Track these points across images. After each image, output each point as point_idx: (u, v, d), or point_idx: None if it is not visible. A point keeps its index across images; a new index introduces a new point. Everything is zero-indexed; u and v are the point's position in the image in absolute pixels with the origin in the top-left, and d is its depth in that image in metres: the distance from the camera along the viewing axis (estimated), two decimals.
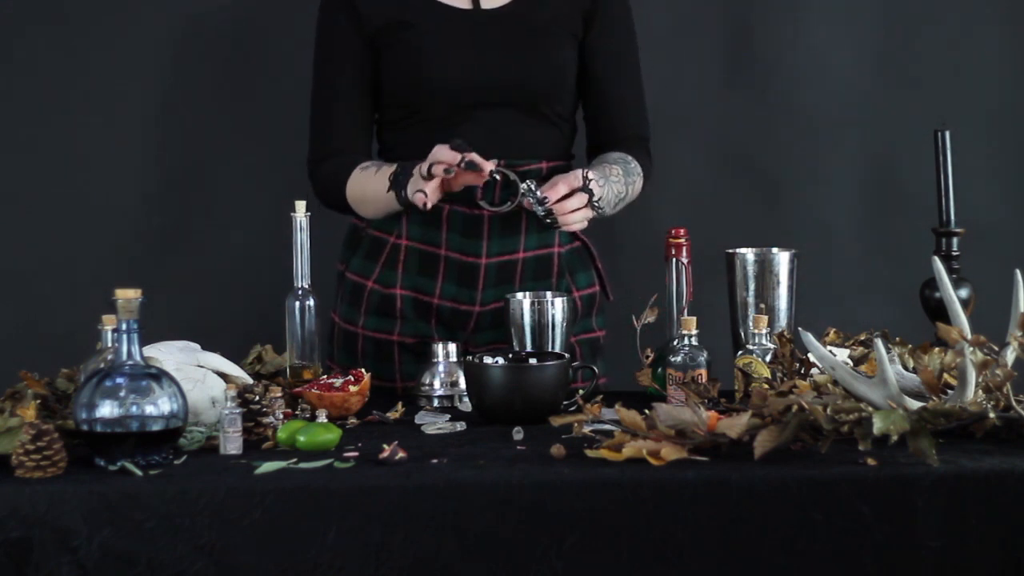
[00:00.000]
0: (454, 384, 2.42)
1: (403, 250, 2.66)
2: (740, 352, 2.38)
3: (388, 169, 2.56)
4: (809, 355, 2.18)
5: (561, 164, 2.68)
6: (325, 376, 2.37)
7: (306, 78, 3.18)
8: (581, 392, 2.28)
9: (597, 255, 2.75)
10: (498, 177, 2.49)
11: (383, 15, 2.63)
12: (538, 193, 2.48)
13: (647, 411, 2.03)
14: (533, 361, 2.34)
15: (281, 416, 2.17)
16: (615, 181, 2.60)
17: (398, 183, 2.52)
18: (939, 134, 2.56)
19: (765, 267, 2.38)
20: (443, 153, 2.42)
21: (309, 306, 2.41)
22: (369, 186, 2.59)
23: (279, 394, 2.19)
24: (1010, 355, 2.03)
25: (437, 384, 2.42)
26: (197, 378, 2.15)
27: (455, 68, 2.60)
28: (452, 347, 2.44)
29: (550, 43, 2.65)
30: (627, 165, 2.66)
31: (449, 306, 2.65)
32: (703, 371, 2.32)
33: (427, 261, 2.65)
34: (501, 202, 2.60)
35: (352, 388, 2.30)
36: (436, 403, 2.40)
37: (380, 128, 2.71)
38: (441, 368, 2.43)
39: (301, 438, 2.08)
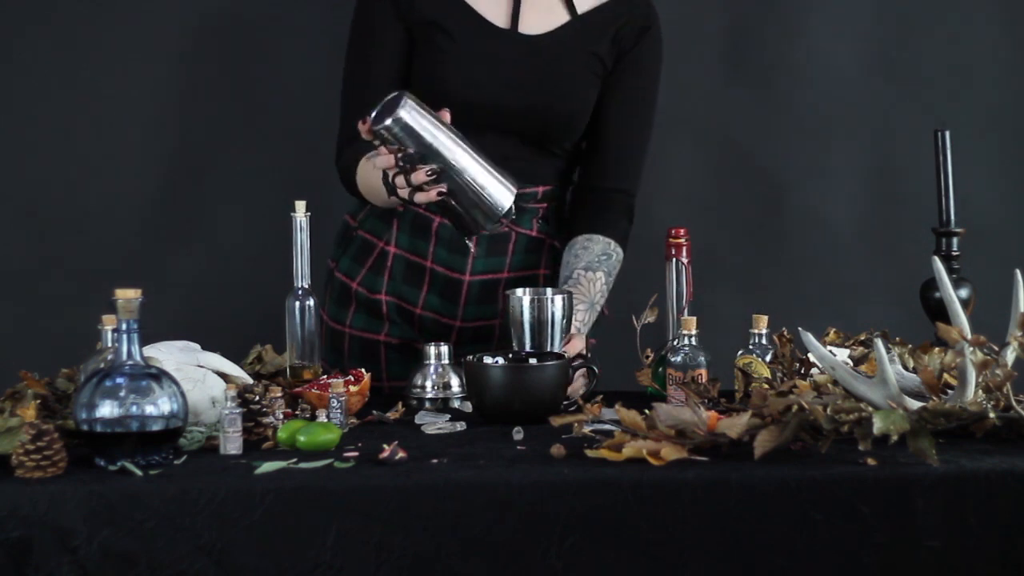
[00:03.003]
0: (446, 386, 2.40)
1: (391, 257, 2.65)
2: (740, 352, 2.38)
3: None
4: (809, 355, 2.18)
5: (554, 188, 2.67)
6: (325, 376, 2.37)
7: (307, 78, 3.20)
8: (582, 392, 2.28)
9: None
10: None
11: (425, 10, 2.59)
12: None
13: (647, 411, 2.03)
14: (533, 361, 2.34)
15: (281, 416, 2.17)
16: (598, 300, 2.58)
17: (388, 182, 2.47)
18: (939, 134, 2.55)
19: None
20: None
21: (309, 306, 2.41)
22: (372, 179, 2.51)
23: (279, 394, 2.19)
24: (1010, 355, 2.03)
25: (429, 386, 2.41)
26: (197, 378, 2.14)
27: (475, 88, 2.57)
28: (444, 348, 2.42)
29: (576, 85, 2.61)
30: (610, 261, 2.62)
31: (431, 317, 2.65)
32: (703, 371, 2.32)
33: (413, 271, 2.64)
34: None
35: (353, 388, 2.30)
36: (428, 404, 2.40)
37: None
38: (433, 370, 2.41)
39: (301, 438, 2.07)
